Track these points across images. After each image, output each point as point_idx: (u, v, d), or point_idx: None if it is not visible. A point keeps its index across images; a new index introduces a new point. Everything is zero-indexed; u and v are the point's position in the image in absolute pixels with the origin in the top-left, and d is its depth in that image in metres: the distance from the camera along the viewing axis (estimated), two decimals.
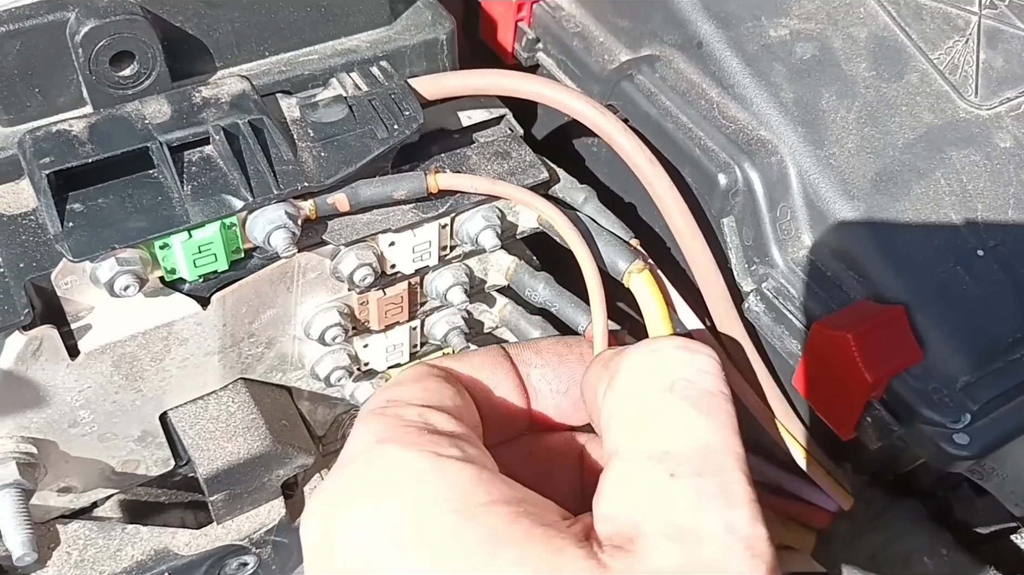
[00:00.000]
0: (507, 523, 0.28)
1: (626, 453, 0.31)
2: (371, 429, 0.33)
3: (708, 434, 0.31)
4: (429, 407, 0.34)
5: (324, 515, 0.31)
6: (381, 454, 0.31)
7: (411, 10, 0.50)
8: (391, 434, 0.32)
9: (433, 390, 0.35)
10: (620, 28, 0.53)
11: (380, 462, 0.31)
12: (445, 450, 0.31)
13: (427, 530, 0.29)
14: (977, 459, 0.41)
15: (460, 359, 0.38)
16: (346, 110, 0.44)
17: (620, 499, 0.30)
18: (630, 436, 0.32)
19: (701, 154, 0.47)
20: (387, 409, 0.33)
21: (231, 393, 0.47)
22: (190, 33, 0.43)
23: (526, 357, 0.39)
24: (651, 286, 0.43)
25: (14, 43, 0.40)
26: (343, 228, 0.44)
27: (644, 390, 0.33)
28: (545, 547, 0.28)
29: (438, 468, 0.30)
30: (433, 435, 0.32)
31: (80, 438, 0.44)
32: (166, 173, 0.40)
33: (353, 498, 0.31)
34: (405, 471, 0.30)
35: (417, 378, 0.36)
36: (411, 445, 0.31)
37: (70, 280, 0.39)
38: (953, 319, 0.43)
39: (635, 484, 0.30)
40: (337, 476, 0.32)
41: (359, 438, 0.33)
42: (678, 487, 0.29)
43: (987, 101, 0.49)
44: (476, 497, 0.29)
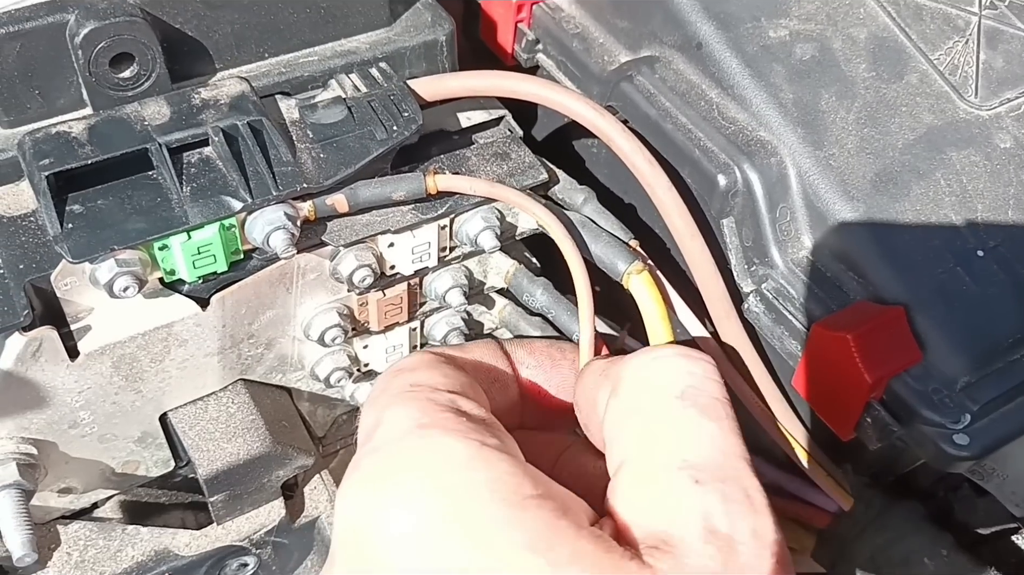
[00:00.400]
0: (556, 518, 0.29)
1: (643, 461, 0.32)
2: (409, 413, 0.32)
3: (722, 441, 0.32)
4: (457, 393, 0.33)
5: (362, 500, 0.31)
6: (425, 438, 0.31)
7: (410, 11, 0.50)
8: (432, 419, 0.31)
9: (452, 377, 0.35)
10: (620, 29, 0.53)
11: (425, 447, 0.31)
12: (488, 439, 0.31)
13: (478, 520, 0.28)
14: (977, 460, 0.41)
15: (462, 349, 0.38)
16: (345, 111, 0.44)
17: (647, 505, 0.30)
18: (644, 444, 0.32)
19: (700, 155, 0.47)
20: (417, 393, 0.33)
21: (231, 394, 0.47)
22: (189, 35, 0.43)
23: (519, 356, 0.40)
24: (650, 287, 0.43)
25: (14, 45, 0.40)
26: (342, 229, 0.44)
27: (652, 399, 0.33)
28: (594, 546, 0.28)
29: (485, 458, 0.30)
30: (471, 423, 0.31)
31: (80, 439, 0.44)
32: (165, 174, 0.40)
33: (398, 481, 0.30)
34: (453, 458, 0.30)
35: (431, 364, 0.35)
36: (454, 432, 0.31)
37: (70, 281, 0.39)
38: (953, 320, 0.42)
39: (660, 491, 0.31)
40: (377, 456, 0.31)
41: (397, 421, 0.32)
42: (705, 494, 0.30)
43: (987, 102, 0.49)
44: (524, 489, 0.29)
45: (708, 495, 0.30)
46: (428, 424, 0.31)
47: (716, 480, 0.30)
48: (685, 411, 0.32)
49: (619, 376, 0.35)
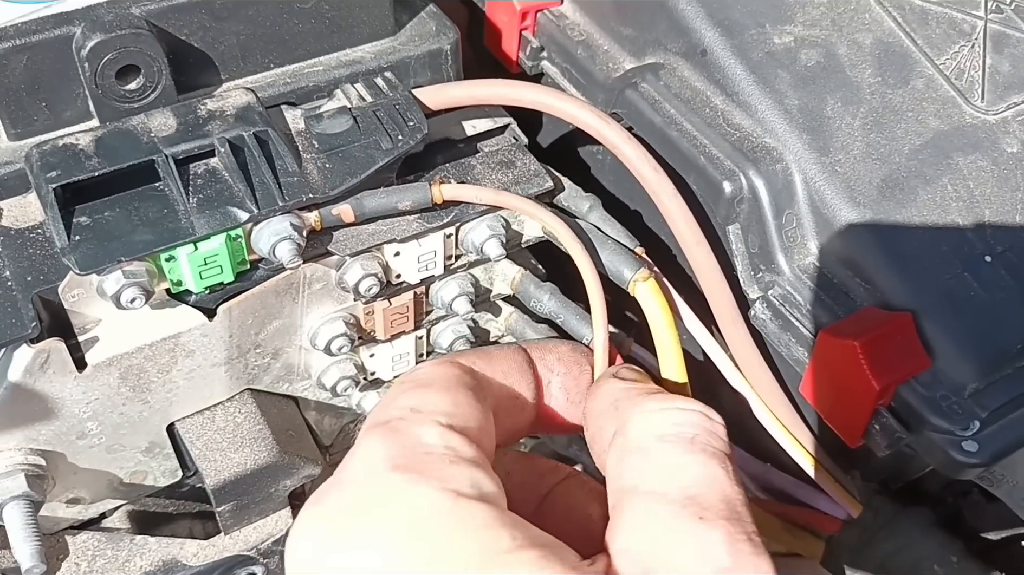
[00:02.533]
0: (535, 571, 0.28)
1: (648, 494, 0.31)
2: (386, 450, 0.30)
3: (727, 487, 0.31)
4: (454, 428, 0.32)
5: (322, 536, 0.29)
6: (395, 484, 0.29)
7: (415, 21, 0.50)
8: (408, 461, 0.30)
9: (462, 406, 0.33)
10: (624, 36, 0.53)
11: (393, 493, 0.29)
12: (465, 488, 0.29)
13: None
14: (986, 466, 0.41)
15: (490, 362, 0.37)
16: (350, 121, 0.44)
17: (647, 536, 0.30)
18: (647, 480, 0.32)
19: (706, 162, 0.46)
20: (407, 424, 0.31)
21: (238, 404, 0.47)
22: (195, 46, 0.43)
23: (549, 363, 0.39)
24: (656, 294, 0.43)
25: (21, 58, 0.40)
26: (348, 239, 0.44)
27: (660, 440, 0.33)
28: None
29: (459, 510, 0.29)
30: (453, 466, 0.30)
31: (88, 450, 0.44)
32: (172, 186, 0.40)
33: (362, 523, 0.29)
34: (421, 511, 0.29)
35: (447, 386, 0.34)
36: (429, 479, 0.29)
37: (77, 293, 0.39)
38: (961, 326, 0.42)
39: (663, 523, 0.30)
40: (340, 494, 0.30)
41: (370, 457, 0.31)
42: (708, 530, 0.29)
43: (994, 106, 0.49)
44: (500, 543, 0.28)
45: (712, 532, 0.29)
46: (403, 466, 0.30)
47: (720, 518, 0.30)
48: (693, 454, 0.32)
49: (628, 416, 0.34)
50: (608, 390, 0.37)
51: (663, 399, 0.35)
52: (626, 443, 0.34)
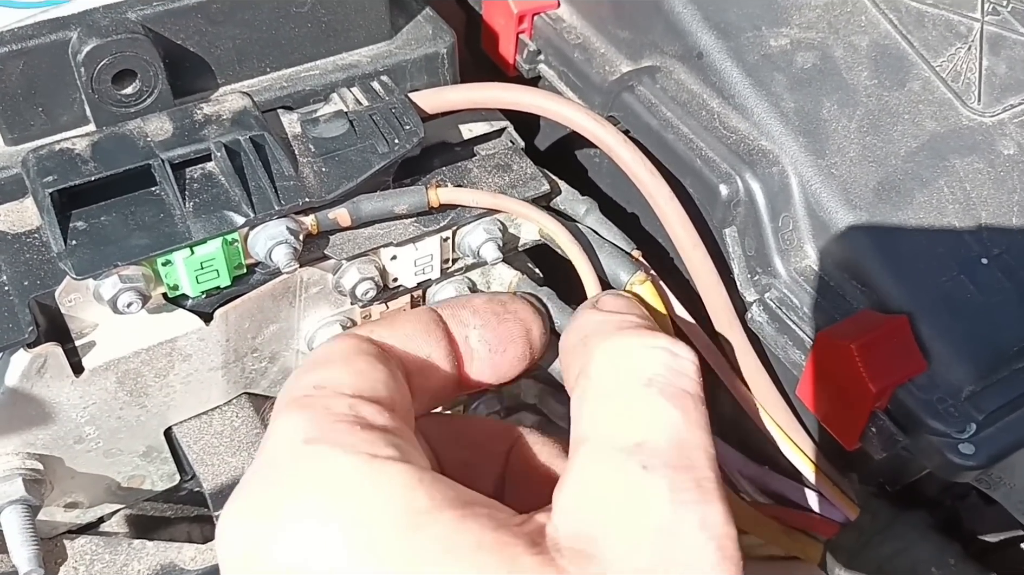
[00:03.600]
0: (455, 531, 0.27)
1: (596, 443, 0.30)
2: (297, 425, 0.30)
3: (683, 430, 0.30)
4: (361, 397, 0.31)
5: (249, 526, 0.29)
6: (310, 457, 0.29)
7: (411, 24, 0.50)
8: (320, 432, 0.29)
9: (365, 374, 0.32)
10: (621, 39, 0.53)
11: (310, 466, 0.29)
12: (381, 450, 0.29)
13: (370, 546, 0.27)
14: (983, 469, 0.41)
15: (390, 326, 0.36)
16: (347, 125, 0.44)
17: (587, 493, 0.29)
18: (601, 426, 0.31)
19: (702, 165, 0.47)
20: (314, 399, 0.31)
21: (235, 408, 0.47)
22: (191, 51, 0.44)
23: (463, 317, 0.38)
24: (653, 298, 0.43)
25: (17, 63, 0.40)
26: (345, 242, 0.44)
27: (618, 382, 0.32)
28: (498, 557, 0.26)
29: (375, 473, 0.28)
30: (366, 432, 0.29)
31: (86, 454, 0.44)
32: (168, 190, 0.40)
33: (283, 508, 0.28)
34: (339, 478, 0.28)
35: (346, 358, 0.33)
36: (344, 446, 0.29)
37: (74, 298, 0.39)
38: (957, 328, 0.42)
39: (605, 477, 0.29)
40: (260, 479, 0.30)
41: (283, 435, 0.30)
42: (651, 480, 0.28)
43: (990, 108, 0.49)
44: (418, 502, 0.27)
45: (653, 483, 0.28)
46: (316, 439, 0.29)
47: (666, 467, 0.28)
48: (650, 397, 0.31)
49: (592, 355, 0.33)
50: (581, 323, 0.36)
51: (630, 335, 0.33)
52: (587, 385, 0.32)
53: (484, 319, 0.38)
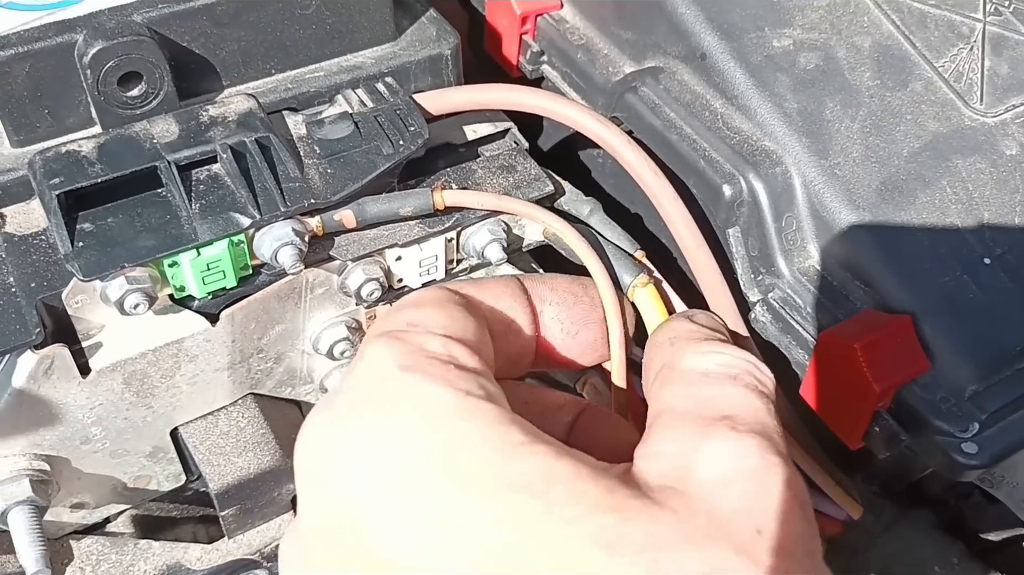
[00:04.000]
0: (552, 463, 0.27)
1: (682, 411, 0.31)
2: (392, 353, 0.30)
3: (765, 415, 0.31)
4: (453, 338, 0.31)
5: (336, 433, 0.28)
6: (405, 383, 0.29)
7: (415, 26, 0.50)
8: (416, 363, 0.29)
9: (457, 319, 0.33)
10: (624, 40, 0.53)
11: (404, 391, 0.29)
12: (473, 389, 0.29)
13: (464, 464, 0.27)
14: (986, 468, 0.41)
15: (480, 287, 0.36)
16: (352, 126, 0.44)
17: (676, 442, 0.30)
18: (686, 400, 0.32)
19: (706, 165, 0.47)
20: (408, 334, 0.31)
21: (241, 408, 0.47)
22: (197, 53, 0.44)
23: (541, 292, 0.38)
24: (655, 300, 0.43)
25: (23, 65, 0.40)
26: (350, 243, 0.44)
27: (708, 372, 0.33)
28: (595, 486, 0.27)
29: (470, 406, 0.28)
30: (459, 371, 0.30)
31: (92, 455, 0.44)
32: (174, 192, 0.40)
33: (374, 420, 0.28)
34: (435, 405, 0.28)
35: (439, 303, 0.33)
36: (438, 379, 0.29)
37: (81, 299, 0.40)
38: (960, 328, 0.42)
39: (694, 431, 0.30)
40: (352, 395, 0.29)
41: (377, 360, 0.30)
42: (740, 438, 0.29)
43: (992, 108, 0.49)
44: (513, 436, 0.28)
45: (744, 439, 0.29)
46: (411, 367, 0.29)
47: (752, 432, 0.30)
48: (735, 386, 0.32)
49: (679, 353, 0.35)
50: (672, 326, 0.37)
51: (719, 344, 0.35)
52: (671, 374, 0.34)
53: (560, 297, 0.38)
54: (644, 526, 0.26)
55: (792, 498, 0.28)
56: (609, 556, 0.25)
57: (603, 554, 0.25)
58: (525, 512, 0.26)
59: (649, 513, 0.27)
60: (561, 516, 0.26)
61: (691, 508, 0.27)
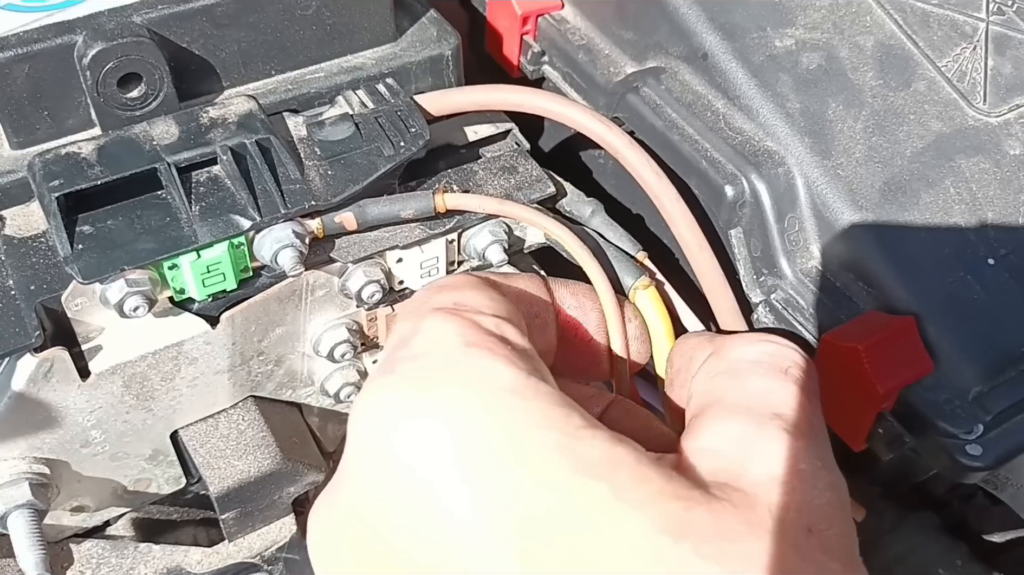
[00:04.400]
0: (613, 447, 0.28)
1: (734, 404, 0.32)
2: (455, 328, 0.30)
3: (814, 417, 0.32)
4: (503, 319, 0.31)
5: (399, 400, 0.28)
6: (472, 357, 0.28)
7: (416, 26, 0.50)
8: (479, 339, 0.29)
9: (499, 301, 0.32)
10: (625, 40, 0.53)
11: (472, 365, 0.28)
12: (531, 369, 0.29)
13: (529, 443, 0.27)
14: (991, 470, 0.41)
15: (507, 279, 0.36)
16: (352, 128, 0.44)
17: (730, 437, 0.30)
18: (738, 395, 0.32)
19: (708, 166, 0.46)
20: (462, 312, 0.30)
21: (241, 411, 0.47)
22: (196, 54, 0.44)
23: (562, 296, 0.38)
24: (656, 302, 0.43)
25: (23, 67, 0.40)
26: (351, 245, 0.44)
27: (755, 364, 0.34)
28: (657, 472, 0.27)
29: (533, 387, 0.28)
30: (517, 352, 0.29)
31: (92, 458, 0.44)
32: (174, 194, 0.40)
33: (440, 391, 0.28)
34: (501, 382, 0.28)
35: (477, 286, 0.33)
36: (503, 357, 0.29)
37: (80, 302, 0.39)
38: (964, 329, 0.42)
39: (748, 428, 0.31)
40: (416, 364, 0.29)
41: (441, 333, 0.29)
42: (793, 441, 0.30)
43: (996, 108, 0.49)
44: (574, 420, 0.28)
45: (795, 443, 0.30)
46: (475, 343, 0.29)
47: (802, 434, 0.30)
48: (784, 381, 0.33)
49: (724, 343, 0.35)
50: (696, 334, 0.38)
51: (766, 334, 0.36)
52: (718, 364, 0.34)
53: (579, 302, 0.38)
54: (708, 515, 0.27)
55: (837, 500, 0.30)
56: (675, 542, 0.26)
57: (670, 540, 0.26)
58: (593, 495, 0.26)
59: (710, 505, 0.27)
60: (628, 500, 0.26)
61: (749, 503, 0.28)
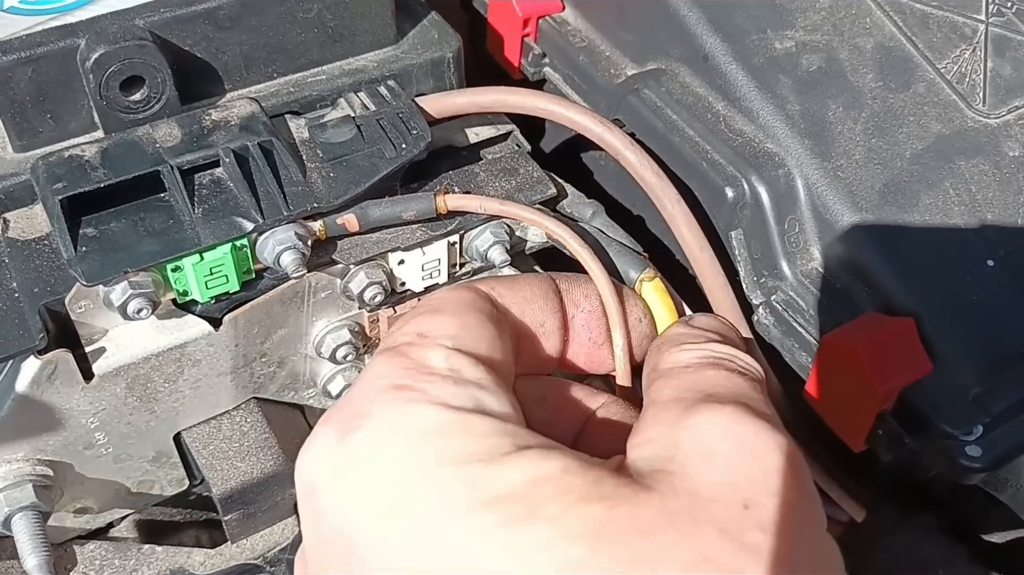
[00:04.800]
0: (539, 462, 0.28)
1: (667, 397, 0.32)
2: (389, 371, 0.31)
3: (749, 391, 0.32)
4: (460, 351, 0.31)
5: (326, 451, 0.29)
6: (396, 402, 0.29)
7: (417, 29, 0.50)
8: (412, 381, 0.30)
9: (471, 329, 0.33)
10: (626, 42, 0.53)
11: (394, 412, 0.29)
12: (467, 403, 0.29)
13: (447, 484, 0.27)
14: (990, 471, 0.41)
15: (511, 286, 0.36)
16: (354, 130, 0.44)
17: (660, 427, 0.30)
18: (673, 385, 0.33)
19: (708, 167, 0.47)
20: (413, 348, 0.31)
21: (244, 412, 0.47)
22: (199, 57, 0.44)
23: (575, 298, 0.38)
24: (662, 295, 0.43)
25: (26, 70, 0.40)
26: (353, 247, 0.44)
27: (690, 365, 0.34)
28: (583, 479, 0.27)
29: (459, 423, 0.29)
30: (456, 387, 0.30)
31: (96, 459, 0.44)
32: (177, 196, 0.40)
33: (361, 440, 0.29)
34: (423, 426, 0.29)
35: (458, 310, 0.33)
36: (431, 397, 0.29)
37: (84, 304, 0.39)
38: (963, 330, 0.42)
39: (677, 414, 0.30)
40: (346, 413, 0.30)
41: (374, 379, 0.31)
42: (721, 410, 0.30)
43: (995, 110, 0.49)
44: (500, 448, 0.28)
45: (724, 411, 0.29)
46: (406, 387, 0.30)
47: (735, 403, 0.30)
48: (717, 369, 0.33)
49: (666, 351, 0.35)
50: (666, 333, 0.38)
51: (702, 342, 0.35)
52: (655, 374, 0.35)
53: (593, 305, 0.38)
54: (628, 511, 0.26)
55: (783, 463, 0.28)
56: (590, 547, 0.25)
57: (584, 547, 0.25)
58: (507, 521, 0.26)
59: (636, 499, 0.27)
60: (544, 515, 0.26)
61: (675, 488, 0.27)
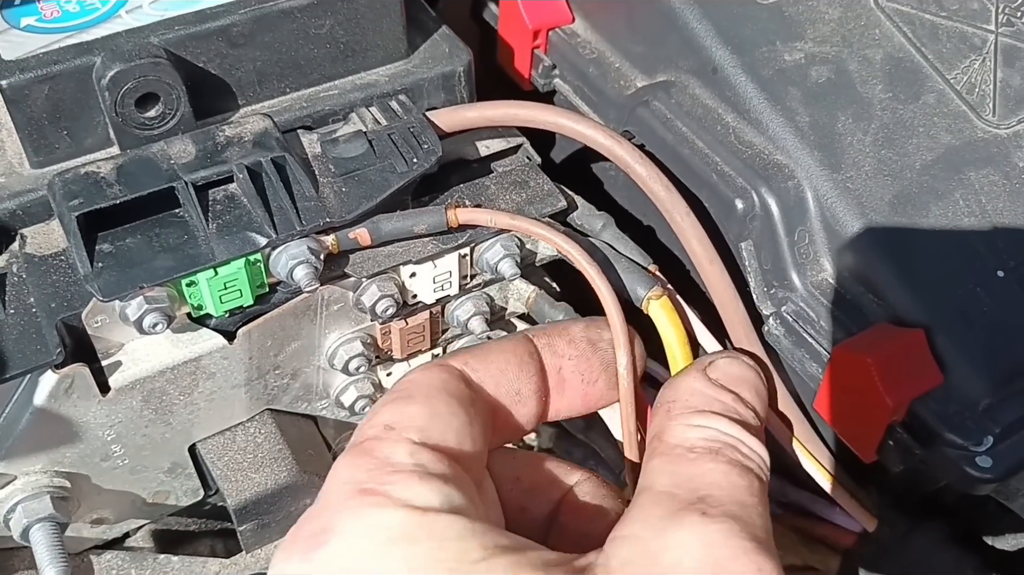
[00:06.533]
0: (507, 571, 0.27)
1: (658, 491, 0.31)
2: (352, 474, 0.31)
3: (746, 495, 0.31)
4: (426, 445, 0.32)
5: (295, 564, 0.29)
6: (361, 507, 0.29)
7: (428, 43, 0.50)
8: (375, 483, 0.30)
9: (440, 417, 0.33)
10: (635, 54, 0.53)
11: (359, 518, 0.29)
12: (434, 503, 0.29)
13: None
14: (1001, 481, 0.41)
15: (484, 358, 0.36)
16: (366, 145, 0.45)
17: (644, 531, 0.30)
18: (666, 480, 0.32)
19: (718, 179, 0.47)
20: (378, 444, 0.31)
21: (258, 424, 0.47)
22: (213, 73, 0.44)
23: (559, 348, 0.38)
24: (670, 313, 0.44)
25: (43, 87, 0.41)
26: (365, 260, 0.44)
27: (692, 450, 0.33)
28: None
29: (427, 527, 0.29)
30: (422, 484, 0.30)
31: (112, 471, 0.45)
32: (191, 212, 0.41)
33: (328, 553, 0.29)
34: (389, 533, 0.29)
35: (428, 396, 0.33)
36: (396, 499, 0.29)
37: (100, 319, 0.40)
38: (973, 341, 0.42)
39: (663, 514, 0.30)
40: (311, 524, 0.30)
41: (339, 484, 0.31)
42: (711, 524, 0.29)
43: (1005, 120, 0.49)
44: (472, 553, 0.28)
45: (714, 525, 0.29)
46: (370, 490, 0.30)
47: (726, 516, 0.29)
48: (716, 462, 0.32)
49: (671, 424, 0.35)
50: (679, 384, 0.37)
51: (711, 416, 0.35)
52: (659, 446, 0.34)
53: (580, 350, 0.38)
54: None
55: None
56: None
57: None
58: None
59: None
60: None
61: None
